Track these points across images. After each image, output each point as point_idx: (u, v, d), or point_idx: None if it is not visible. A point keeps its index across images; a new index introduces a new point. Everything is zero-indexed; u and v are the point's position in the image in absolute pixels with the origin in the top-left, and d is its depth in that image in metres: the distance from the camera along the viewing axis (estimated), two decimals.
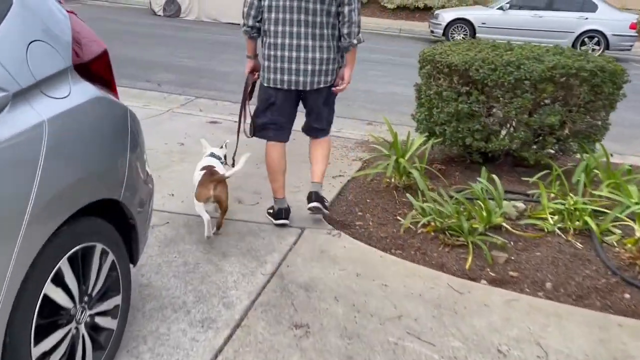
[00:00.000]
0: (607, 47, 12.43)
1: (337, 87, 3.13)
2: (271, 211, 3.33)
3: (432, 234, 3.20)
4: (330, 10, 2.92)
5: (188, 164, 4.45)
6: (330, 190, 4.06)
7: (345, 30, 2.95)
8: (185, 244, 2.95)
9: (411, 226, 3.33)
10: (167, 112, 6.25)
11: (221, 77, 8.40)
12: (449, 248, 3.06)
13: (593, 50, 12.55)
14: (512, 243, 3.13)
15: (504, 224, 3.25)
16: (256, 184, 4.07)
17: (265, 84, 3.09)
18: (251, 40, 3.12)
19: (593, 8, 12.46)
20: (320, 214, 3.28)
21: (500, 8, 12.96)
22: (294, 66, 2.96)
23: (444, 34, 13.38)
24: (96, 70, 1.81)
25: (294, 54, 2.94)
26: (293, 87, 3.03)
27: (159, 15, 14.64)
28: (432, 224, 3.21)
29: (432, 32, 13.84)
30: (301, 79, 2.99)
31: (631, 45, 12.46)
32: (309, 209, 3.21)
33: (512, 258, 2.98)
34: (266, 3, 2.92)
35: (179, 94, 7.30)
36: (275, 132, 3.22)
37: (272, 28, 2.95)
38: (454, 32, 13.32)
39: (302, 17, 2.90)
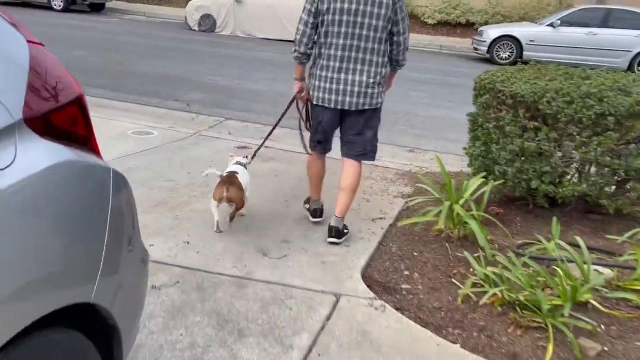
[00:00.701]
0: None
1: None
2: (307, 206, 3.74)
3: (499, 309, 2.58)
4: (382, 37, 3.09)
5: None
6: (370, 238, 3.49)
7: (399, 57, 3.22)
8: (195, 316, 2.42)
9: (471, 295, 2.72)
10: (194, 136, 5.82)
11: (254, 97, 7.96)
12: (522, 330, 2.44)
13: None
14: (602, 327, 2.49)
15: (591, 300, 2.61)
16: (285, 228, 3.54)
17: (315, 102, 3.28)
18: (301, 65, 3.29)
19: None
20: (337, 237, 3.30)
21: (551, 25, 12.19)
22: (341, 87, 3.13)
23: (488, 52, 12.69)
24: (64, 123, 1.31)
25: (343, 76, 3.12)
26: (339, 107, 3.19)
27: (195, 30, 14.43)
28: (499, 295, 2.60)
29: (475, 49, 13.16)
30: (347, 99, 3.15)
31: None
32: (328, 242, 3.28)
33: (606, 350, 2.34)
34: (323, 30, 3.08)
35: (208, 115, 6.88)
36: (322, 145, 3.44)
37: (325, 52, 3.13)
38: (499, 49, 12.62)
39: (356, 43, 3.06)
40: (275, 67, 10.44)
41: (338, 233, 3.28)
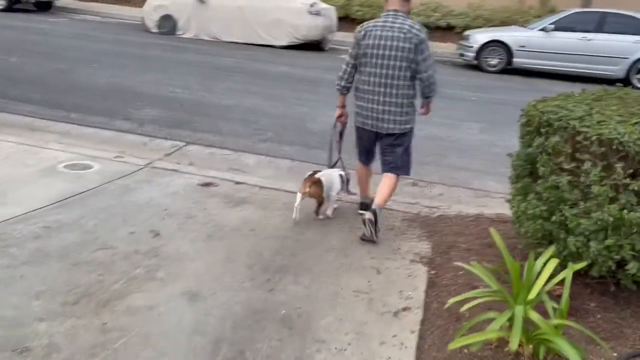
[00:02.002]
0: None
1: (421, 111, 3.85)
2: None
3: None
4: (407, 75, 3.58)
5: (161, 287, 2.73)
6: (401, 350, 2.34)
7: (425, 91, 3.67)
8: None
9: None
10: (144, 169, 4.58)
11: (221, 114, 6.72)
12: None
13: None
14: None
15: None
16: (271, 342, 2.33)
17: (356, 125, 3.84)
18: (342, 95, 3.87)
19: None
20: (371, 230, 3.55)
21: (543, 29, 11.30)
22: (375, 114, 3.68)
23: (476, 58, 11.74)
24: None
25: (376, 106, 3.66)
26: (374, 129, 3.74)
27: (153, 33, 13.02)
28: None
29: (461, 55, 12.19)
30: (379, 124, 3.69)
31: None
32: (362, 220, 3.62)
33: None
34: (361, 69, 3.68)
35: (165, 138, 5.62)
36: (365, 157, 3.95)
37: (362, 87, 3.70)
38: (487, 55, 11.67)
39: (385, 80, 3.60)
40: (244, 75, 9.20)
41: (374, 213, 3.59)
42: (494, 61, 11.64)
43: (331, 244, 3.52)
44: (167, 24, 12.89)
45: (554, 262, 2.40)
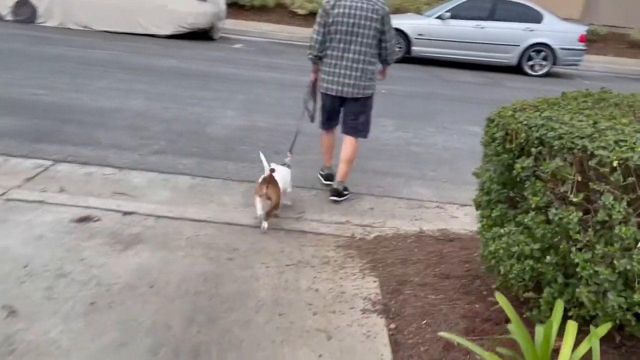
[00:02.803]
0: (554, 62, 11.12)
1: (379, 77, 4.23)
2: (322, 172, 4.50)
3: None
4: (372, 43, 3.95)
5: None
6: None
7: (387, 58, 4.08)
8: None
9: None
10: None
11: (99, 120, 5.54)
12: None
13: (540, 66, 11.19)
14: None
15: None
16: None
17: (322, 91, 4.15)
18: (315, 64, 4.15)
19: (538, 18, 11.05)
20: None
21: (440, 17, 11.16)
22: (342, 80, 4.00)
23: None
24: None
25: (343, 71, 3.97)
26: (338, 95, 4.06)
27: (7, 21, 11.06)
28: None
29: None
30: (345, 89, 4.01)
31: (579, 60, 11.24)
32: (330, 200, 4.16)
33: None
34: (330, 36, 3.95)
35: (25, 157, 4.42)
36: (329, 122, 4.26)
37: (330, 52, 4.00)
38: None
39: (353, 47, 3.92)
40: (125, 71, 7.94)
41: (339, 193, 4.16)
42: None
43: (259, 296, 2.74)
44: (25, 11, 10.99)
45: (573, 328, 1.82)
